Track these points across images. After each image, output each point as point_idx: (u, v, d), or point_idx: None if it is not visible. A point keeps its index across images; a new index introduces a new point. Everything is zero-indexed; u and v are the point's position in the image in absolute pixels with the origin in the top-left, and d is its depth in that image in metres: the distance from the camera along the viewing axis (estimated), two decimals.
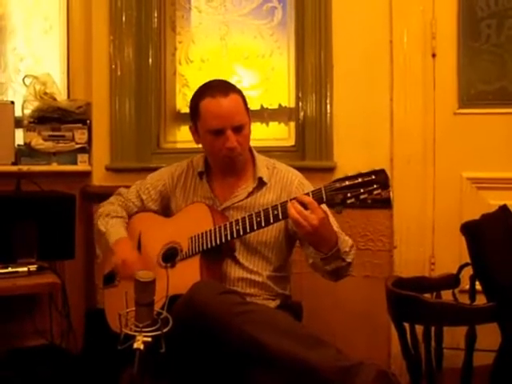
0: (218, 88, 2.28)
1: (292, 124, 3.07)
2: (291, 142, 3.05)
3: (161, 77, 3.26)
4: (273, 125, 3.15)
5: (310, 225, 1.97)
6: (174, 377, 2.06)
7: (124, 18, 3.17)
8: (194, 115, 2.33)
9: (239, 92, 2.32)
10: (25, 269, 2.67)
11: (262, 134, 3.08)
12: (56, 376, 2.77)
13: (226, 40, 3.23)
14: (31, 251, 2.78)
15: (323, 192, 1.98)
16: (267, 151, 2.63)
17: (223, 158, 2.30)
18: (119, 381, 2.11)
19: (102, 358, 2.71)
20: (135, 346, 1.67)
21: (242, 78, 3.18)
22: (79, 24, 3.29)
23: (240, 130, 2.26)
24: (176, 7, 3.28)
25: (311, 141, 2.94)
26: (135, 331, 1.69)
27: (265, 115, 3.14)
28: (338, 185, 1.96)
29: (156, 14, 3.23)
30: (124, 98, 3.19)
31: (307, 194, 2.01)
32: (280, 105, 3.14)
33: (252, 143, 2.43)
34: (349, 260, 2.15)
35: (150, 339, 1.67)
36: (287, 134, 3.10)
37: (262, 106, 3.15)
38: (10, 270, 2.65)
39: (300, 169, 2.51)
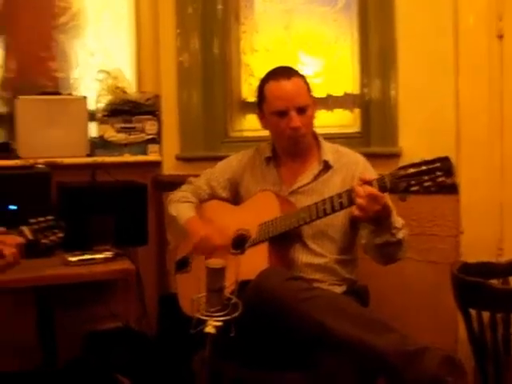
0: (282, 72, 2.40)
1: (357, 110, 3.08)
2: (356, 128, 3.07)
3: (226, 67, 3.31)
4: (337, 111, 3.17)
5: (374, 212, 2.01)
6: (243, 359, 2.14)
7: (189, 11, 3.23)
8: (260, 99, 2.43)
9: (302, 76, 2.41)
10: (101, 256, 2.74)
11: (327, 121, 3.10)
12: (131, 358, 2.90)
13: (290, 28, 3.26)
14: (107, 238, 2.86)
15: (387, 180, 2.01)
16: (332, 138, 2.66)
17: (288, 138, 2.38)
18: (192, 363, 2.19)
19: (175, 341, 2.82)
20: (206, 330, 1.75)
21: (306, 66, 3.20)
22: (147, 19, 3.37)
23: (303, 111, 2.34)
24: None
25: (376, 127, 2.95)
26: (206, 316, 1.78)
27: (329, 102, 3.17)
28: (402, 172, 1.98)
29: (220, 5, 3.28)
30: (191, 88, 3.26)
31: (371, 181, 2.05)
32: (345, 92, 3.16)
33: (317, 130, 2.51)
34: (399, 237, 2.16)
35: (220, 323, 1.76)
36: (352, 121, 3.11)
37: (327, 94, 3.18)
38: (87, 257, 2.72)
39: (365, 155, 2.53)
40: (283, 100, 2.34)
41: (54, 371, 2.92)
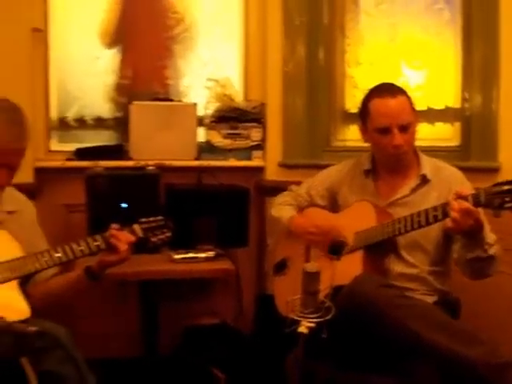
0: (387, 89, 2.45)
1: (457, 124, 3.12)
2: (456, 142, 3.10)
3: (331, 78, 3.40)
4: (438, 125, 3.21)
5: (467, 226, 2.06)
6: (335, 361, 2.23)
7: (296, 23, 3.33)
8: (364, 115, 2.49)
9: (406, 94, 2.45)
10: (204, 255, 2.85)
11: (427, 134, 3.15)
12: (227, 354, 3.03)
13: (394, 41, 3.33)
14: (210, 239, 2.96)
15: (482, 196, 2.05)
16: (432, 151, 2.71)
17: (389, 155, 2.44)
18: (285, 363, 2.29)
19: (270, 340, 2.93)
20: (299, 329, 1.84)
21: (409, 79, 3.27)
22: (255, 30, 3.50)
23: (406, 129, 2.39)
24: (345, 10, 3.39)
25: (476, 141, 2.98)
26: (300, 317, 1.88)
27: (430, 115, 3.21)
28: (496, 189, 2.02)
29: (326, 18, 3.36)
30: (296, 97, 3.35)
31: (466, 196, 2.10)
32: (446, 105, 3.19)
33: (417, 143, 2.54)
34: (490, 253, 2.20)
35: (313, 325, 1.85)
36: (452, 135, 3.15)
37: (428, 107, 3.22)
38: (190, 255, 2.84)
39: (464, 169, 2.57)
40: (387, 117, 2.39)
41: (154, 360, 3.05)
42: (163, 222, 2.36)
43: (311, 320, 1.84)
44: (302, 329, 1.84)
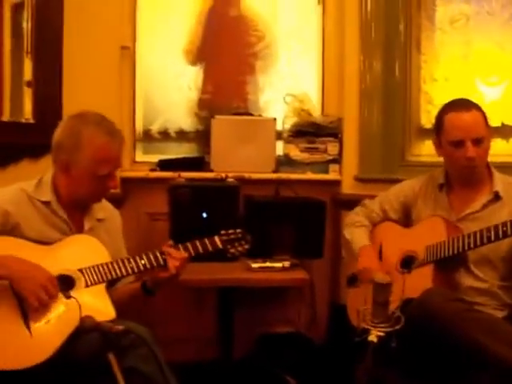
0: (461, 104, 2.52)
1: None
2: None
3: (406, 94, 3.46)
4: None
5: None
6: (403, 370, 2.29)
7: (373, 39, 3.41)
8: (438, 128, 2.56)
9: (480, 109, 2.51)
10: (280, 264, 2.93)
11: (502, 150, 3.17)
12: (301, 360, 3.11)
13: (469, 59, 3.37)
14: (286, 249, 3.03)
15: None
16: (507, 167, 2.73)
17: (462, 168, 2.50)
18: (355, 370, 2.36)
19: (341, 348, 3.00)
20: (369, 338, 1.91)
21: (483, 95, 3.30)
22: (333, 47, 3.60)
23: (479, 142, 2.45)
24: (421, 29, 3.45)
25: None
26: (371, 326, 1.95)
27: (506, 131, 3.23)
28: None
29: (402, 36, 3.42)
30: (372, 113, 3.44)
31: None
32: None
33: (492, 158, 2.59)
34: None
35: (382, 334, 1.92)
36: None
37: (502, 123, 3.24)
38: (267, 264, 2.93)
39: None
40: (461, 130, 2.46)
41: (229, 364, 3.13)
42: (242, 235, 2.47)
43: (381, 329, 1.92)
44: (372, 338, 1.91)
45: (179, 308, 3.47)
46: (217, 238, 2.42)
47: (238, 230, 2.47)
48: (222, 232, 2.45)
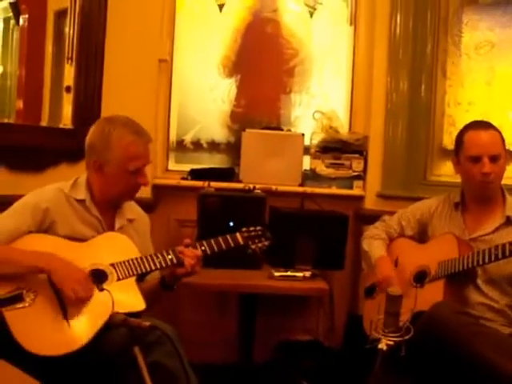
0: (481, 124, 2.70)
1: None
2: None
3: (430, 115, 3.58)
4: None
5: None
6: (412, 378, 2.41)
7: (400, 60, 3.54)
8: (458, 146, 2.71)
9: (498, 130, 2.66)
10: (301, 274, 3.03)
11: None
12: (318, 367, 3.22)
13: (492, 84, 3.49)
14: (308, 260, 3.14)
15: None
16: None
17: (478, 183, 2.62)
18: (369, 378, 2.47)
19: (356, 356, 3.09)
20: (379, 346, 2.04)
21: (503, 121, 3.40)
22: (362, 67, 3.73)
23: (496, 160, 2.58)
24: (447, 54, 3.57)
25: None
26: (381, 335, 2.07)
27: None
28: None
29: (429, 59, 3.55)
30: (397, 132, 3.55)
31: None
32: None
33: (508, 181, 2.71)
34: None
35: (392, 343, 2.04)
36: None
37: None
38: (289, 273, 3.03)
39: None
40: (479, 147, 2.60)
41: (248, 369, 3.27)
42: (262, 232, 2.59)
43: (390, 338, 2.04)
44: (382, 346, 2.04)
45: (203, 313, 3.61)
46: (238, 235, 2.55)
47: (259, 228, 2.59)
48: (244, 229, 2.58)
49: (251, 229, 2.59)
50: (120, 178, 2.44)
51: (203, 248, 2.50)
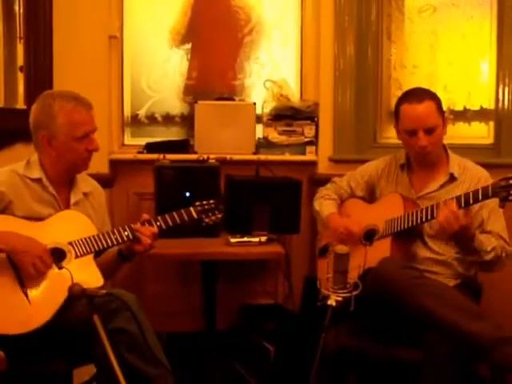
0: (415, 95, 2.70)
1: (491, 124, 3.35)
2: (490, 140, 3.34)
3: (377, 80, 3.67)
4: (474, 124, 3.46)
5: (451, 228, 2.41)
6: (364, 335, 2.56)
7: (346, 30, 3.59)
8: (396, 117, 2.77)
9: (434, 99, 2.69)
10: (257, 239, 3.14)
11: (464, 133, 3.41)
12: (279, 329, 3.31)
13: (435, 47, 3.60)
14: (264, 226, 3.21)
15: (490, 189, 2.33)
16: (467, 148, 2.97)
17: (416, 153, 2.72)
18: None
19: (314, 317, 3.20)
20: (329, 302, 2.15)
21: (448, 82, 3.53)
22: (310, 36, 3.77)
23: (431, 131, 2.65)
24: (392, 19, 3.66)
25: (507, 139, 3.19)
26: (331, 292, 2.18)
27: (467, 116, 3.45)
28: (503, 183, 2.29)
29: (374, 26, 3.63)
30: (346, 98, 3.62)
31: (478, 190, 2.40)
32: (481, 106, 3.43)
33: (454, 141, 2.85)
34: (487, 258, 2.52)
35: (340, 299, 2.15)
36: (486, 134, 3.39)
37: (464, 107, 3.47)
38: (245, 239, 3.14)
39: (496, 165, 2.84)
40: (413, 121, 2.65)
41: (213, 334, 3.38)
42: (215, 205, 2.66)
43: (339, 295, 2.15)
44: (331, 302, 2.15)
45: (167, 283, 3.68)
46: (192, 209, 2.62)
47: (212, 201, 2.66)
48: (197, 203, 2.64)
49: (204, 202, 2.65)
50: (70, 147, 2.49)
51: (158, 223, 2.56)
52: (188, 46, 3.87)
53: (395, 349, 2.50)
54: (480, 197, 2.38)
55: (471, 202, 2.43)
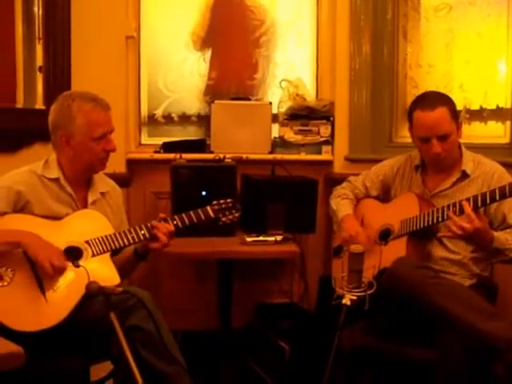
0: (428, 101, 2.68)
1: (508, 123, 3.34)
2: (506, 140, 3.33)
3: (393, 79, 3.66)
4: (490, 124, 3.45)
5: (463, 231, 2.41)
6: (379, 333, 2.56)
7: (362, 29, 3.59)
8: (410, 121, 2.76)
9: (447, 104, 2.67)
10: (272, 238, 3.13)
11: (480, 132, 3.41)
12: (294, 328, 3.32)
13: (451, 46, 3.58)
14: (280, 225, 3.21)
15: (507, 188, 2.33)
16: (484, 147, 2.96)
17: (430, 159, 2.72)
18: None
19: (330, 315, 3.21)
20: (343, 301, 2.16)
21: (464, 81, 3.52)
22: (326, 36, 3.78)
23: (445, 138, 2.64)
24: (407, 18, 3.65)
25: None
26: (345, 291, 2.19)
27: (483, 115, 3.45)
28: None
29: (390, 25, 3.62)
30: (361, 97, 3.62)
31: (494, 189, 2.40)
32: (497, 105, 3.42)
33: (470, 140, 2.85)
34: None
35: (355, 298, 2.15)
36: (503, 133, 3.38)
37: (480, 107, 3.46)
38: (261, 238, 3.13)
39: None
40: (426, 129, 2.65)
41: (229, 333, 3.38)
42: (232, 204, 2.68)
43: (354, 294, 2.16)
44: (346, 301, 2.16)
45: (183, 281, 3.70)
46: (209, 208, 2.64)
47: (229, 200, 2.68)
48: (214, 202, 2.67)
49: (221, 201, 2.67)
50: (87, 147, 2.52)
51: (175, 222, 2.58)
52: (207, 46, 3.88)
53: (409, 348, 2.50)
54: (497, 197, 2.39)
55: (488, 201, 2.45)
